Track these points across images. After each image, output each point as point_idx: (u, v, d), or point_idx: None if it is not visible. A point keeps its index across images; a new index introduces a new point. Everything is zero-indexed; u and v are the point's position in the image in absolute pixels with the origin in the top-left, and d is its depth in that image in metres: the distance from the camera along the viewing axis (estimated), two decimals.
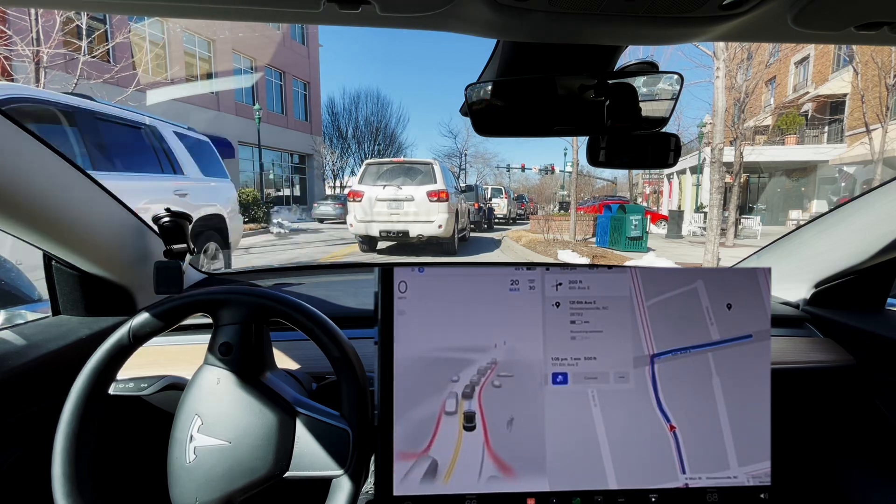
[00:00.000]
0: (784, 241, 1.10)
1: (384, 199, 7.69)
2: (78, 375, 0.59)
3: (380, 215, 7.72)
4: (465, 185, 13.76)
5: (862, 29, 0.47)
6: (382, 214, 7.71)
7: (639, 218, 9.82)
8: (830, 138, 18.07)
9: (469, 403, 0.62)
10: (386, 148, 29.66)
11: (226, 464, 0.57)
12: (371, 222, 7.76)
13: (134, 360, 0.64)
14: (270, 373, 0.65)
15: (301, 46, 24.01)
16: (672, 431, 0.63)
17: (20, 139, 0.65)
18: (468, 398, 0.62)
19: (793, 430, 0.93)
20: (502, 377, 0.63)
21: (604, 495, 0.63)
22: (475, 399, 0.62)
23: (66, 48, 8.46)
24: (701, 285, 0.65)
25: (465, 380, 0.62)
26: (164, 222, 0.89)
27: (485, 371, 0.63)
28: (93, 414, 0.58)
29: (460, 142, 32.11)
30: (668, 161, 0.71)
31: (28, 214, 0.69)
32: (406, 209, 7.66)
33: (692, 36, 0.51)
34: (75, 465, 0.56)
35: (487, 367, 0.63)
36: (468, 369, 0.63)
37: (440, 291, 0.63)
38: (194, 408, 0.60)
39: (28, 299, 1.71)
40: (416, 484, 0.61)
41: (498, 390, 0.63)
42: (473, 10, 0.45)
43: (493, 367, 0.63)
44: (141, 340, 0.61)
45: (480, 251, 9.17)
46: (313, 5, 0.42)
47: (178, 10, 0.46)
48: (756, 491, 0.64)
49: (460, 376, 0.62)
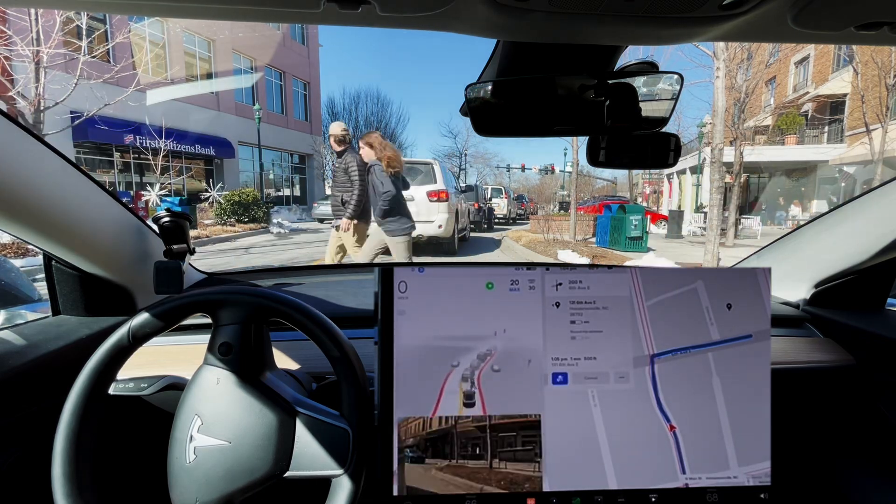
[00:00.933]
0: (784, 241, 1.10)
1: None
2: (78, 375, 0.59)
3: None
4: (465, 185, 13.75)
5: (862, 29, 0.47)
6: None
7: (639, 218, 9.83)
8: (830, 138, 18.08)
9: (469, 385, 0.63)
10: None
11: (226, 464, 0.57)
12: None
13: (134, 360, 0.64)
14: (270, 373, 0.65)
15: (301, 46, 24.02)
16: (672, 431, 0.63)
17: (20, 139, 0.65)
18: (467, 381, 0.63)
19: (793, 430, 0.93)
20: (502, 363, 0.64)
21: (604, 495, 0.63)
22: (475, 381, 0.63)
23: (66, 48, 8.47)
24: (701, 285, 0.65)
25: (465, 364, 0.63)
26: (164, 222, 0.89)
27: (484, 357, 0.64)
28: (93, 414, 0.58)
29: (460, 142, 32.11)
30: (668, 161, 0.71)
31: (28, 214, 0.69)
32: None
33: (692, 36, 0.51)
34: (75, 465, 0.56)
35: (486, 353, 0.64)
36: (468, 355, 0.63)
37: (440, 291, 0.64)
38: (194, 408, 0.60)
39: (28, 299, 1.71)
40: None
41: (497, 374, 0.63)
42: (473, 10, 0.45)
43: (492, 355, 0.64)
44: (141, 341, 0.61)
45: (480, 251, 9.18)
46: (313, 5, 0.42)
47: (178, 10, 0.46)
48: (756, 491, 0.64)
49: (460, 362, 0.63)
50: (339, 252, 4.08)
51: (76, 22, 8.65)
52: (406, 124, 55.69)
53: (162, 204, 11.36)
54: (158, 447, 0.66)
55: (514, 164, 40.59)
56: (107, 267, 0.86)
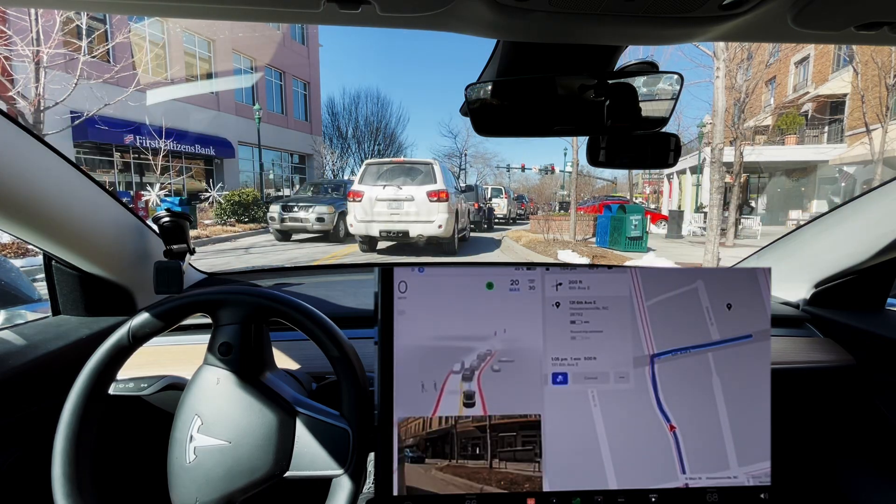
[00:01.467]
0: (784, 241, 1.10)
1: (384, 199, 7.73)
2: (78, 376, 0.59)
3: (380, 215, 7.75)
4: (465, 185, 13.76)
5: (862, 29, 0.47)
6: (382, 214, 7.74)
7: (639, 218, 9.83)
8: (830, 138, 18.05)
9: (469, 385, 0.63)
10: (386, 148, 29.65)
11: (226, 464, 0.57)
12: (371, 222, 7.79)
13: (134, 360, 0.64)
14: (270, 373, 0.65)
15: (301, 46, 23.99)
16: (672, 431, 0.63)
17: (21, 140, 0.65)
18: (468, 380, 0.63)
19: (793, 430, 0.93)
20: (502, 362, 0.64)
21: (604, 495, 0.63)
22: (475, 381, 0.63)
23: (66, 48, 8.46)
24: (701, 285, 0.65)
25: (465, 364, 0.63)
26: (164, 222, 0.89)
27: (484, 357, 0.63)
28: (93, 414, 0.58)
29: (460, 142, 32.05)
30: (668, 161, 0.71)
31: (28, 214, 0.69)
32: (406, 209, 7.69)
33: (692, 36, 0.51)
34: (75, 465, 0.56)
35: (487, 353, 0.64)
36: (468, 355, 0.63)
37: (440, 291, 0.64)
38: (194, 408, 0.60)
39: (28, 299, 1.71)
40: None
41: (497, 374, 0.63)
42: (473, 10, 0.45)
43: (492, 355, 0.64)
44: (140, 341, 0.61)
45: (480, 251, 9.16)
46: (313, 5, 0.42)
47: (178, 10, 0.46)
48: (756, 491, 0.64)
49: (460, 362, 0.63)
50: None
51: (76, 22, 8.65)
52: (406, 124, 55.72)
53: (162, 204, 11.32)
54: (158, 447, 0.66)
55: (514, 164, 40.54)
56: (107, 267, 0.86)
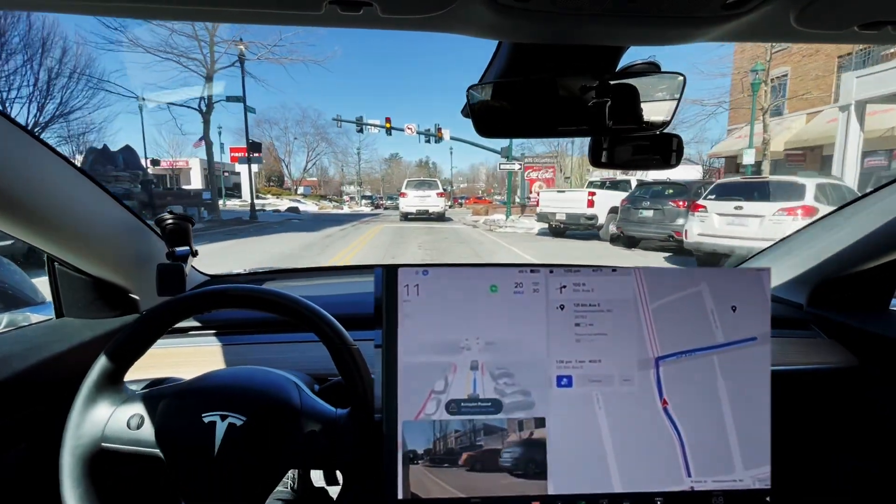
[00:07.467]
0: (785, 242, 1.10)
1: (416, 195, 18.08)
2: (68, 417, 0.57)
3: (413, 203, 17.87)
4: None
5: (865, 28, 0.47)
6: (415, 203, 17.90)
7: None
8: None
9: (473, 388, 0.63)
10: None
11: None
12: (409, 206, 17.91)
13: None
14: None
15: None
16: (677, 434, 0.63)
17: (23, 142, 0.65)
18: (471, 383, 0.63)
19: (798, 431, 0.92)
20: (507, 365, 0.63)
21: (609, 498, 0.62)
22: (479, 384, 0.63)
23: None
24: (705, 287, 0.65)
25: (469, 367, 0.63)
26: (166, 224, 0.89)
27: (488, 359, 0.63)
28: (93, 470, 0.57)
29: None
30: (670, 161, 0.71)
31: (31, 217, 0.69)
32: (426, 200, 17.87)
33: (695, 36, 0.51)
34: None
35: (491, 356, 0.63)
36: (472, 358, 0.63)
37: (444, 293, 0.63)
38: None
39: (31, 301, 1.72)
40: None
41: (501, 377, 0.63)
42: (475, 11, 0.45)
43: (496, 358, 0.63)
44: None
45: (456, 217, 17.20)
46: (315, 7, 0.42)
47: (179, 12, 0.46)
48: (761, 494, 0.64)
49: (464, 364, 0.63)
50: None
51: None
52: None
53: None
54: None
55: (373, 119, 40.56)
56: (110, 269, 0.86)
